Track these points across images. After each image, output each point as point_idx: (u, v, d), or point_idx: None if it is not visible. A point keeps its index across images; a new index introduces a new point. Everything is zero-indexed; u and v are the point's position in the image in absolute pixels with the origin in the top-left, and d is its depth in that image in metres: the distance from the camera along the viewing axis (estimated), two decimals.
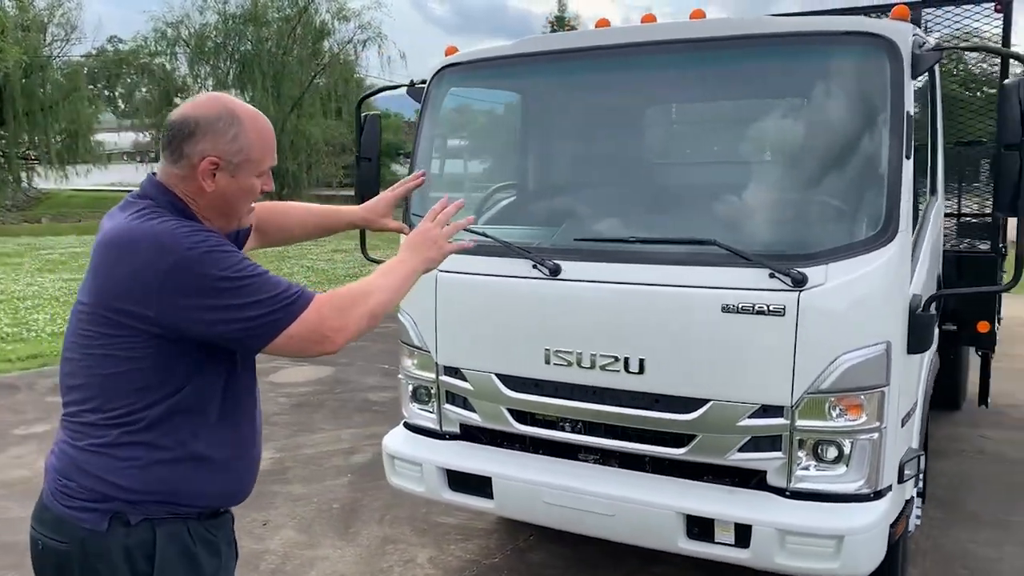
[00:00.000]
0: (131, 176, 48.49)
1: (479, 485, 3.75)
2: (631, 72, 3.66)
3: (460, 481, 3.81)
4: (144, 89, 33.66)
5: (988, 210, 5.40)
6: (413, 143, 4.09)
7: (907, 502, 3.54)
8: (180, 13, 29.31)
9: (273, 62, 28.80)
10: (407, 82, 4.25)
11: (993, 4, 4.58)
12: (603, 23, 3.95)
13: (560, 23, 52.70)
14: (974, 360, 6.20)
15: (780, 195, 3.47)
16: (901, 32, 3.23)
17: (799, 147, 3.41)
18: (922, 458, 3.52)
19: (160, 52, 30.54)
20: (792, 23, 3.36)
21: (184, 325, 1.83)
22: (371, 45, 30.69)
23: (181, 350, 1.87)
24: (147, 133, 34.40)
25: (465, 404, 3.86)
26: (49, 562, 1.95)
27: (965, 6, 4.72)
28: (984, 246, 5.03)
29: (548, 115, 4.05)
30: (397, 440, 4.05)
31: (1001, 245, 5.16)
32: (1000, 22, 4.63)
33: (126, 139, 45.14)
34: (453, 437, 3.95)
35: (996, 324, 5.20)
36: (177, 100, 31.04)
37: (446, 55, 4.18)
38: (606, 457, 3.68)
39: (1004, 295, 5.50)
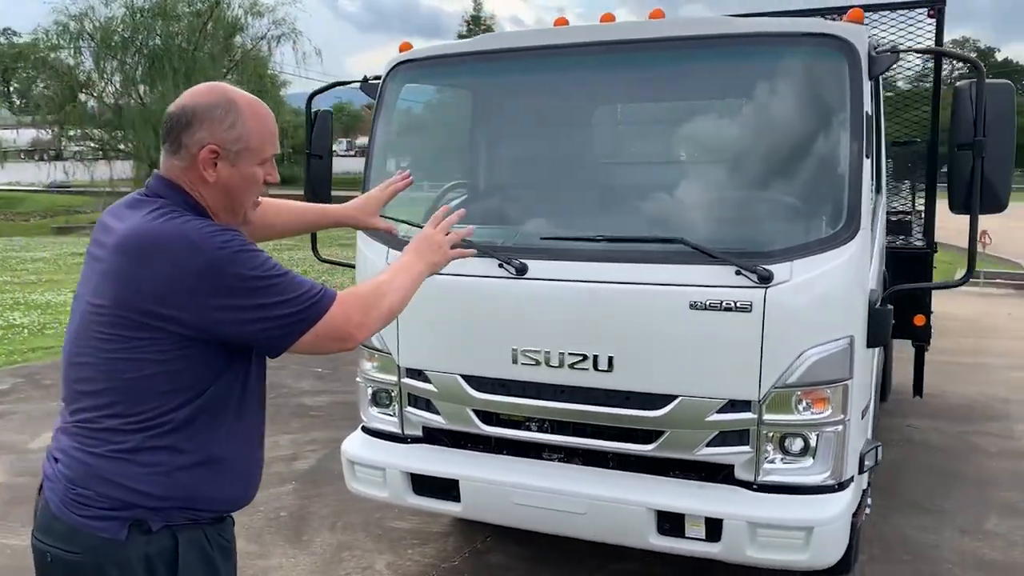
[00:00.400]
0: (31, 175, 46.35)
1: (445, 488, 3.70)
2: (594, 71, 3.66)
3: (425, 485, 3.75)
4: (43, 84, 32.13)
5: (918, 207, 5.62)
6: (369, 139, 4.01)
7: (863, 492, 3.65)
8: (84, 5, 27.98)
9: (184, 58, 27.88)
10: (360, 78, 4.16)
11: (927, 9, 4.78)
12: (561, 22, 3.95)
13: (476, 22, 52.87)
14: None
15: (744, 193, 3.52)
16: (858, 34, 3.33)
17: (762, 146, 3.47)
18: (879, 448, 3.63)
19: (62, 46, 29.20)
20: (754, 24, 3.42)
21: (215, 326, 1.82)
22: (285, 41, 30.06)
23: (208, 351, 1.86)
24: (49, 130, 32.85)
25: (428, 406, 3.80)
26: (58, 575, 1.87)
27: (900, 11, 4.91)
28: (919, 243, 5.23)
29: (506, 113, 4.02)
30: (356, 445, 3.96)
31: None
32: (933, 26, 4.85)
33: (25, 136, 43.12)
34: (415, 440, 3.89)
35: (930, 318, 5.41)
36: (82, 96, 29.80)
37: (400, 51, 4.11)
38: (570, 455, 3.68)
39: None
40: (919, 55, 4.93)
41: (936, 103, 4.96)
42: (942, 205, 3.64)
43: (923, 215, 5.33)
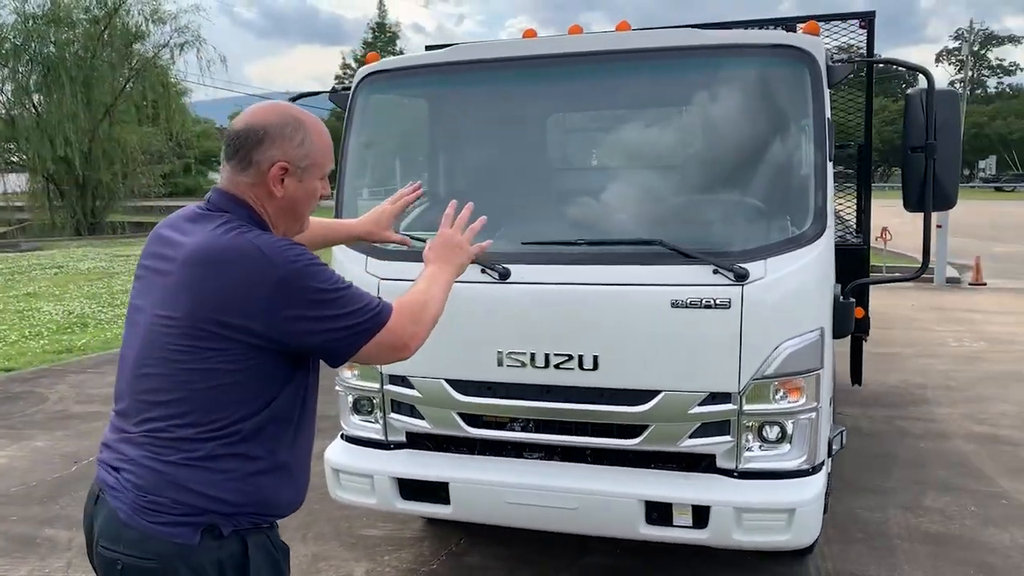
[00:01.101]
0: None
1: (433, 491, 3.76)
2: (569, 81, 3.79)
3: (413, 489, 3.80)
4: None
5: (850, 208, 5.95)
6: (341, 149, 4.03)
7: (828, 475, 3.87)
8: None
9: (82, 66, 26.86)
10: (328, 88, 4.19)
11: (858, 21, 5.09)
12: (530, 34, 4.06)
13: (381, 29, 52.68)
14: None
15: (718, 196, 3.71)
16: (816, 45, 3.55)
17: (732, 152, 3.65)
18: (844, 433, 3.86)
19: None
20: (720, 36, 3.61)
21: (285, 336, 1.89)
22: (189, 49, 29.30)
23: (278, 361, 1.93)
24: None
25: (412, 412, 3.85)
26: None
27: (834, 22, 5.21)
28: (855, 239, 5.54)
29: (479, 122, 4.10)
30: (340, 453, 3.98)
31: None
32: (864, 37, 5.17)
33: None
34: (399, 446, 3.93)
35: (868, 311, 5.73)
36: None
37: (367, 62, 4.15)
38: (550, 453, 3.78)
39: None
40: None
41: (869, 109, 5.29)
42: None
43: (858, 214, 5.66)
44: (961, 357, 9.27)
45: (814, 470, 3.51)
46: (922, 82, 3.48)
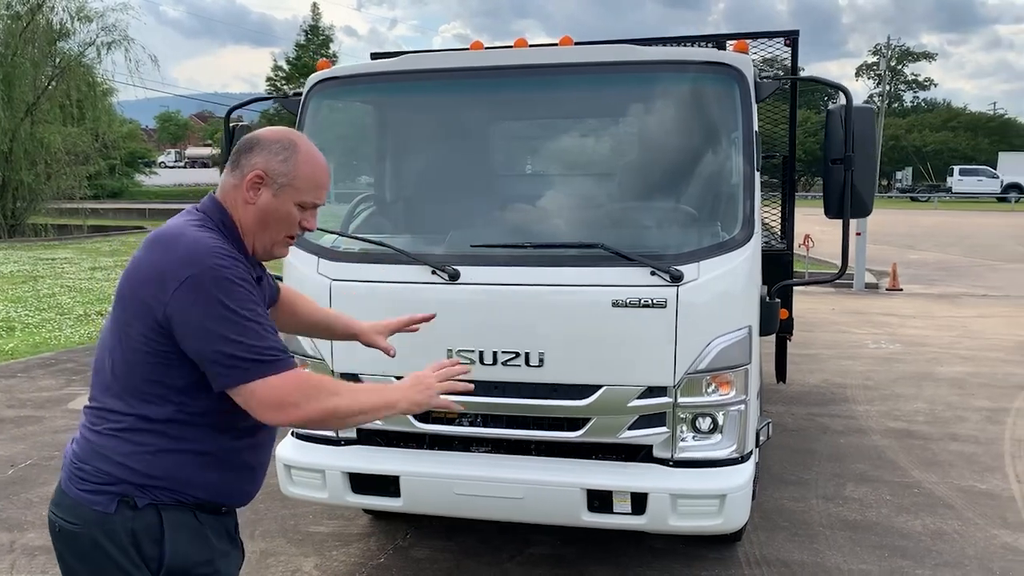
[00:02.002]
0: None
1: (384, 485, 3.89)
2: (516, 92, 3.98)
3: (364, 483, 3.92)
4: None
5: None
6: None
7: (756, 464, 4.14)
8: None
9: (2, 63, 26.02)
10: (281, 94, 4.29)
11: (783, 39, 5.41)
12: (477, 45, 4.24)
13: (315, 32, 52.18)
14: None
15: (655, 204, 3.95)
16: (746, 63, 3.82)
17: (668, 162, 3.89)
18: (770, 425, 4.13)
19: None
20: (657, 52, 3.85)
21: (176, 333, 1.94)
22: (116, 48, 28.59)
23: (183, 354, 1.97)
24: None
25: None
26: (66, 544, 2.05)
27: (761, 40, 5.52)
28: (779, 245, 5.86)
29: (429, 129, 4.26)
30: (291, 450, 4.08)
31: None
32: (789, 54, 5.49)
33: None
34: (349, 442, 4.05)
35: (792, 312, 6.05)
36: None
37: (318, 68, 4.28)
38: (496, 447, 3.95)
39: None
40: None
41: (793, 122, 5.62)
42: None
43: (782, 221, 5.98)
44: (879, 358, 9.76)
45: (743, 459, 3.76)
46: (842, 99, 3.77)
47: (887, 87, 65.77)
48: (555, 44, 4.14)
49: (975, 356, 9.77)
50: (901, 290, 15.53)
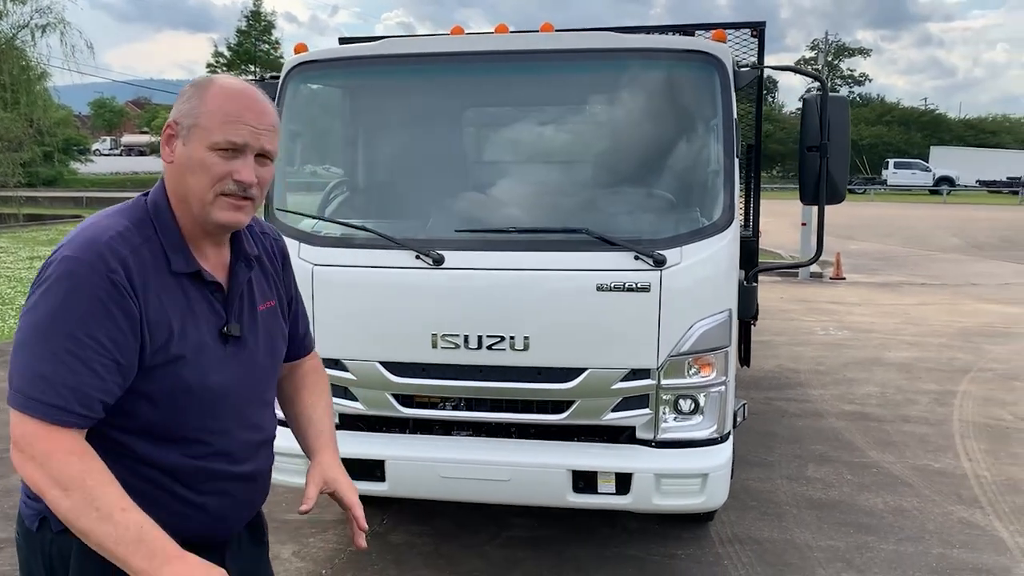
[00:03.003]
0: None
1: (368, 470, 3.89)
2: (499, 77, 4.00)
3: (348, 468, 3.87)
4: None
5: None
6: None
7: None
8: None
9: None
10: (258, 78, 4.24)
11: (750, 31, 5.52)
12: (458, 30, 4.24)
13: (256, 18, 51.30)
14: None
15: (639, 190, 4.00)
16: (724, 52, 3.90)
17: (651, 148, 3.94)
18: (746, 406, 4.24)
19: None
20: (640, 40, 3.91)
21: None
22: (51, 32, 27.73)
23: None
24: None
25: (346, 394, 3.96)
26: (17, 552, 1.89)
27: (728, 30, 5.62)
28: (745, 232, 5.98)
29: (410, 114, 4.25)
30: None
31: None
32: (756, 45, 5.60)
33: None
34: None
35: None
36: None
37: (295, 52, 4.24)
38: (478, 430, 3.99)
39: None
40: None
41: (759, 112, 5.74)
42: None
43: (746, 209, 6.10)
44: (828, 344, 10.03)
45: (723, 439, 3.86)
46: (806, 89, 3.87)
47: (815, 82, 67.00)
48: (536, 31, 4.17)
49: (920, 342, 10.11)
50: (844, 279, 15.95)
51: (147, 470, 1.76)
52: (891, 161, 52.98)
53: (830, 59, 71.75)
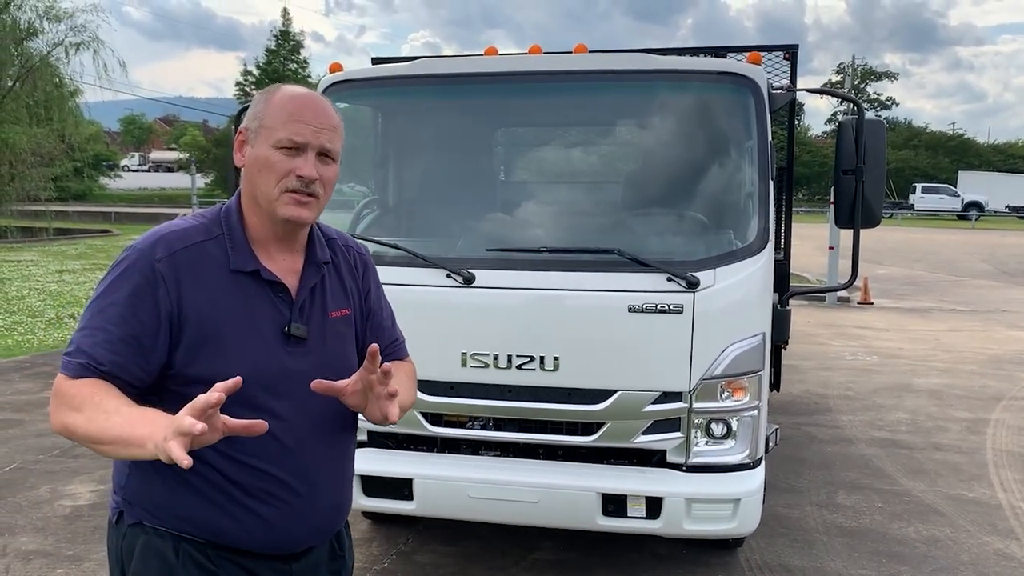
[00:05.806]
0: None
1: (397, 488, 3.88)
2: (535, 98, 4.01)
3: (376, 486, 3.90)
4: None
5: None
6: None
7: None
8: None
9: None
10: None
11: (782, 53, 5.50)
12: (491, 51, 4.26)
13: (285, 37, 51.84)
14: None
15: (672, 211, 3.99)
16: (760, 74, 3.88)
17: (686, 169, 3.93)
18: (778, 431, 4.18)
19: None
20: (676, 62, 3.89)
21: None
22: (85, 50, 28.21)
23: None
24: None
25: None
26: None
27: (762, 53, 5.59)
28: (778, 255, 5.93)
29: (447, 134, 4.26)
30: None
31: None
32: (788, 67, 5.58)
33: None
34: (359, 445, 4.01)
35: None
36: None
37: (330, 71, 4.27)
38: (505, 450, 3.96)
39: None
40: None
41: (791, 134, 5.71)
42: None
43: (778, 232, 6.06)
44: (857, 369, 9.91)
45: (755, 464, 3.81)
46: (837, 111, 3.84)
47: (851, 105, 66.72)
48: (569, 52, 4.17)
49: (950, 368, 9.96)
50: (872, 303, 15.78)
51: (205, 468, 1.77)
52: (919, 186, 52.51)
53: (857, 82, 71.43)
